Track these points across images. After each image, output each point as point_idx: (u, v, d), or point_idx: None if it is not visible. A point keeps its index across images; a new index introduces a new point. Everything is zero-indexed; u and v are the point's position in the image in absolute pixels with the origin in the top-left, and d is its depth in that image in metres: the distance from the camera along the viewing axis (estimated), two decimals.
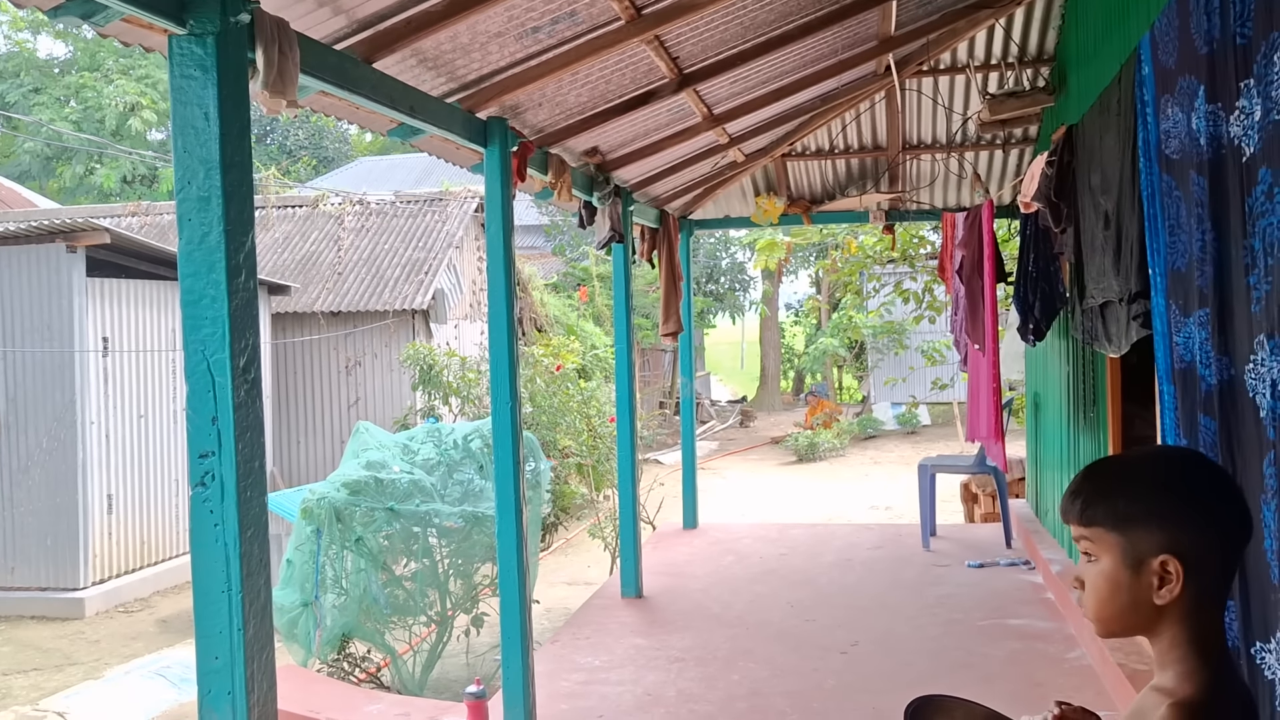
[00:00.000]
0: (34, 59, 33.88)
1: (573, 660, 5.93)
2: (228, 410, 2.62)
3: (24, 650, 8.90)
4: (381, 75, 3.81)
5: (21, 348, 9.92)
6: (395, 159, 32.84)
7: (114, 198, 29.14)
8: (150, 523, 10.79)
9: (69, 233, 9.81)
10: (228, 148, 2.64)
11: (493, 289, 4.94)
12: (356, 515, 6.55)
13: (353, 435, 7.47)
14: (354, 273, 13.60)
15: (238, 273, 2.65)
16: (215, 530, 2.64)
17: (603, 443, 11.25)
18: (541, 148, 5.64)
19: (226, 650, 2.64)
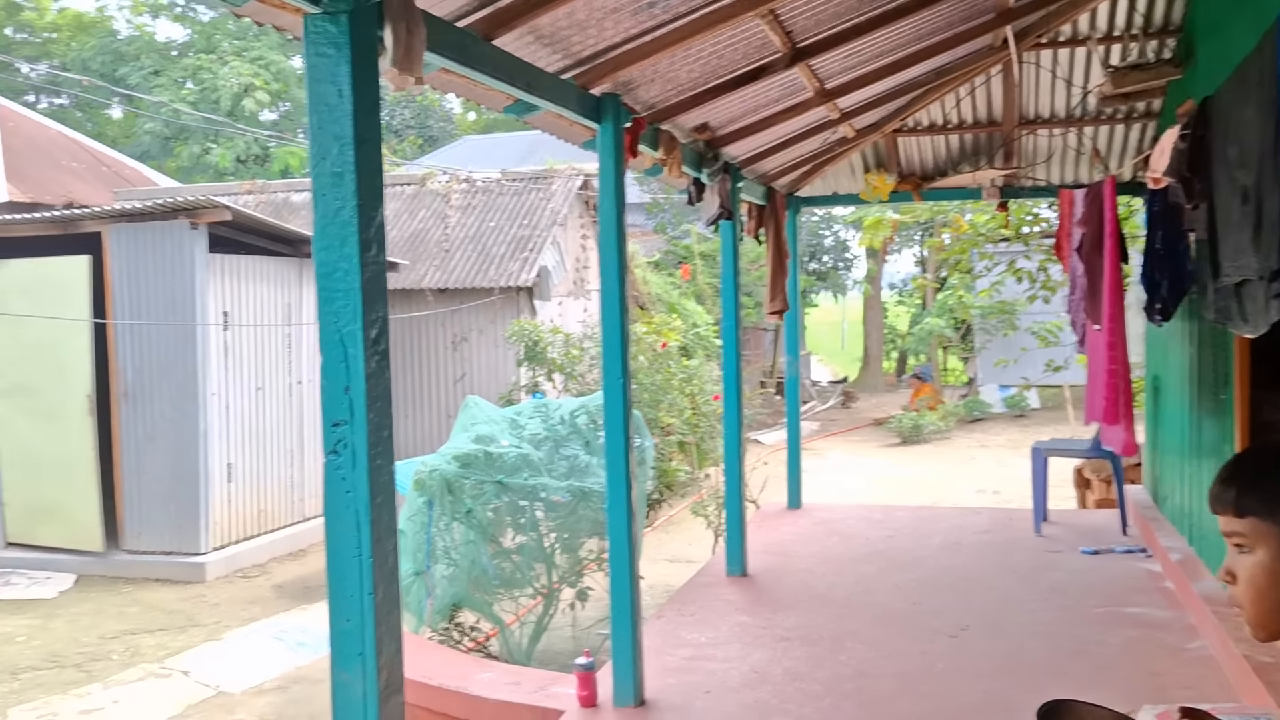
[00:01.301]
0: (153, 42, 35.03)
1: (679, 636, 5.96)
2: (359, 380, 2.68)
3: (150, 611, 9.28)
4: (500, 52, 3.85)
5: (147, 321, 10.30)
6: (498, 137, 33.18)
7: (228, 176, 30.02)
8: (267, 491, 11.15)
9: (192, 210, 10.14)
10: (360, 123, 2.69)
11: (604, 265, 4.96)
12: (466, 488, 6.67)
13: (462, 409, 7.60)
14: (460, 250, 13.79)
15: (369, 246, 2.70)
16: (347, 497, 2.71)
17: (705, 421, 11.25)
18: (653, 124, 5.64)
19: (357, 613, 2.71)
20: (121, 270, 10.37)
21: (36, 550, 10.68)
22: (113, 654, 8.19)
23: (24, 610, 9.41)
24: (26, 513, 10.78)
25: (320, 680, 7.52)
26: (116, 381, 10.48)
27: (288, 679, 7.70)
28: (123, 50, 33.82)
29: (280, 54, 32.37)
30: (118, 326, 10.39)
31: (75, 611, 9.34)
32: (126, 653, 8.21)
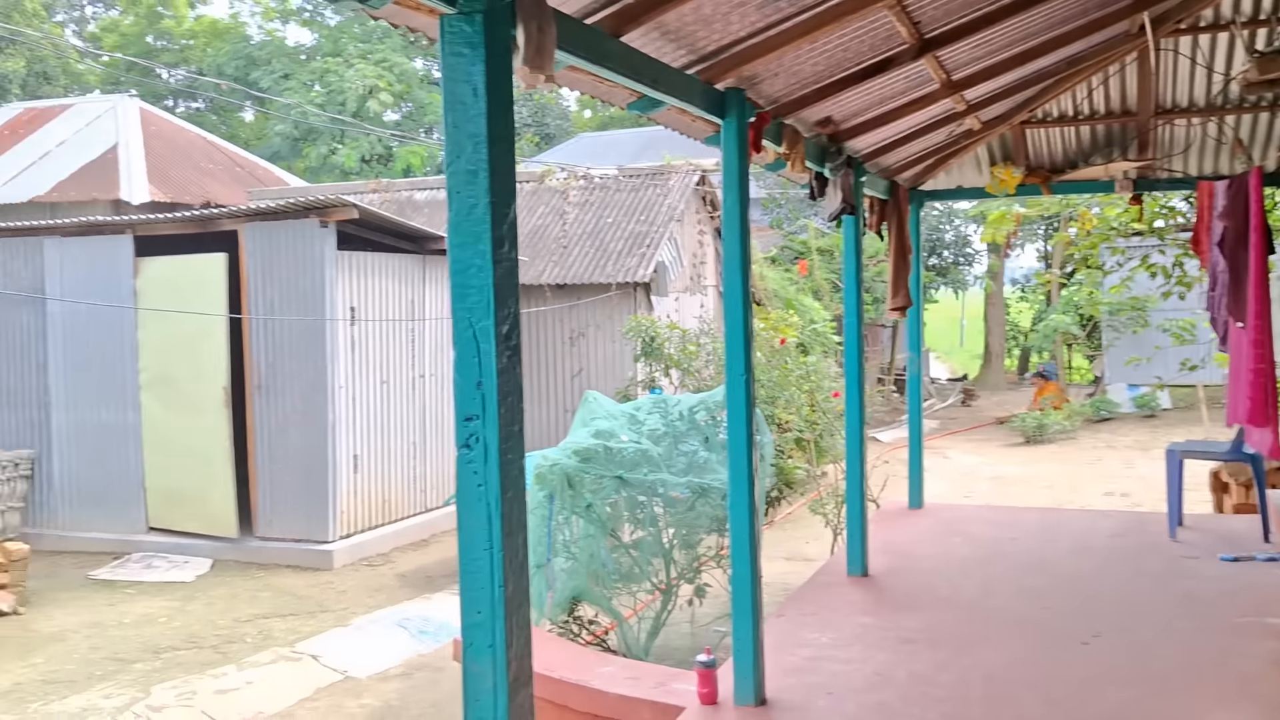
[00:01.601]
0: (283, 47, 36.23)
1: (799, 636, 5.91)
2: (491, 375, 2.72)
3: (281, 596, 9.61)
4: (627, 48, 3.86)
5: (279, 316, 10.65)
6: (614, 134, 33.36)
7: (353, 176, 30.86)
8: (391, 482, 11.43)
9: (322, 209, 10.44)
10: (494, 122, 2.72)
11: (728, 261, 4.94)
12: (586, 482, 6.72)
13: (581, 404, 7.66)
14: (578, 246, 13.91)
15: (501, 243, 2.74)
16: (479, 490, 2.75)
17: (824, 418, 11.12)
18: (776, 118, 5.59)
19: (488, 605, 2.75)
20: (256, 267, 10.75)
21: (175, 535, 11.15)
22: (246, 637, 8.50)
23: (164, 593, 9.83)
24: (167, 499, 11.26)
25: (442, 668, 7.68)
26: (251, 374, 10.88)
27: (411, 666, 7.89)
28: (255, 55, 35.05)
29: (403, 56, 33.14)
30: (252, 321, 10.77)
31: (211, 595, 9.72)
32: (259, 636, 8.50)
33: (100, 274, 11.39)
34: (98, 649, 8.29)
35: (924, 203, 9.34)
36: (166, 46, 38.19)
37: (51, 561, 10.90)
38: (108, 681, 7.57)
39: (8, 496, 11.44)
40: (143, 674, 7.70)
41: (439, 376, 12.21)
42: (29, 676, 7.71)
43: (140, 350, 11.29)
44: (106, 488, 11.50)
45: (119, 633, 8.70)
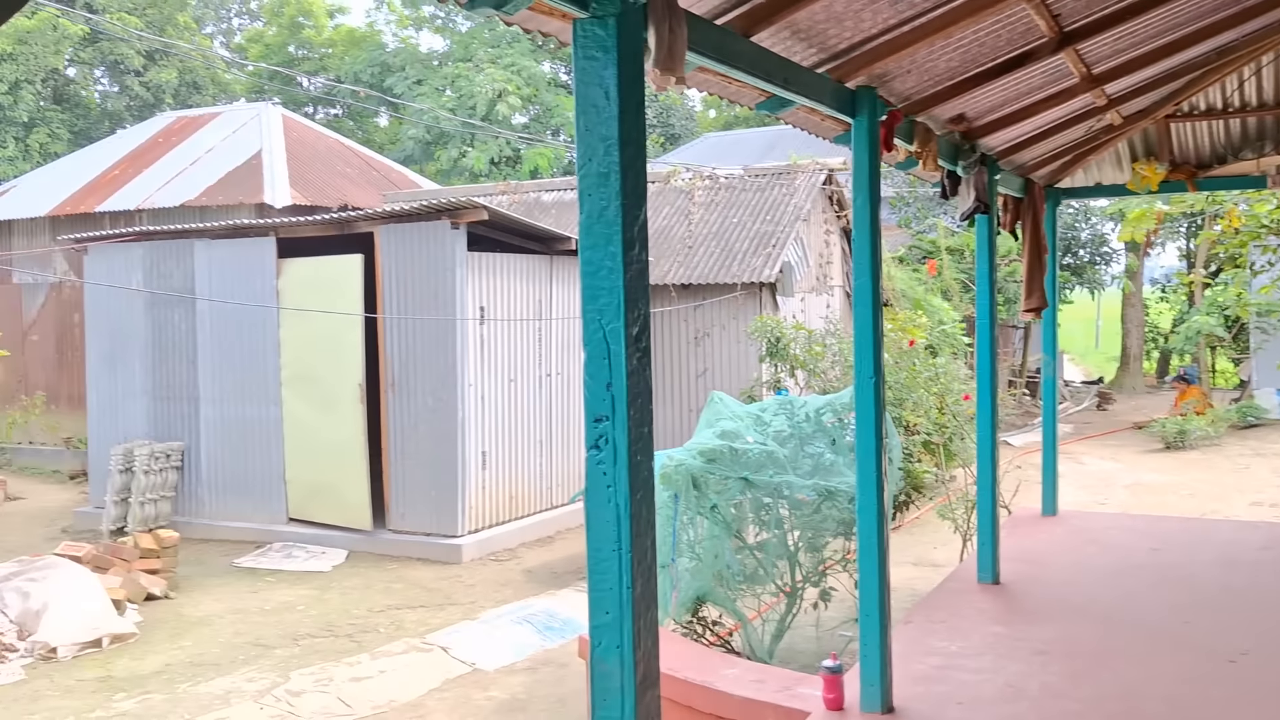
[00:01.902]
0: (417, 53, 37.10)
1: (927, 643, 5.79)
2: (621, 377, 2.73)
3: (412, 588, 9.86)
4: (758, 48, 3.84)
5: (412, 315, 10.94)
6: (739, 134, 33.22)
7: (482, 178, 31.45)
8: (518, 479, 11.62)
9: (453, 210, 10.68)
10: (625, 125, 2.74)
11: (858, 261, 4.87)
12: (711, 483, 6.72)
13: (707, 405, 7.66)
14: (704, 246, 13.91)
15: (632, 245, 2.75)
16: (608, 491, 2.77)
17: (953, 421, 10.88)
18: (908, 116, 5.49)
19: (616, 605, 2.77)
20: (390, 267, 11.05)
21: (313, 526, 11.55)
22: (379, 627, 8.75)
23: (303, 581, 10.19)
24: (306, 491, 11.67)
25: (567, 664, 7.77)
26: (384, 372, 11.19)
27: (537, 661, 8.00)
28: (389, 62, 36.01)
29: (531, 60, 33.61)
30: (386, 320, 11.08)
31: (347, 585, 10.03)
32: (391, 626, 8.75)
33: (245, 275, 11.87)
34: (241, 634, 8.64)
35: (1060, 200, 9.07)
36: (307, 55, 39.54)
37: (199, 549, 11.40)
38: (250, 665, 7.89)
39: (160, 486, 12.03)
40: (282, 659, 8.00)
41: (565, 375, 12.36)
42: (178, 658, 8.09)
43: (282, 348, 11.73)
44: (250, 479, 11.98)
45: (261, 619, 9.05)
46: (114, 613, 8.73)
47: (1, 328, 16.52)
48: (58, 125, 31.18)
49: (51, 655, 8.06)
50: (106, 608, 8.71)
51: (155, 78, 32.66)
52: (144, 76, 32.79)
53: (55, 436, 16.95)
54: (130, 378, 12.73)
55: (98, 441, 12.91)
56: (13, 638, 8.37)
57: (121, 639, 8.43)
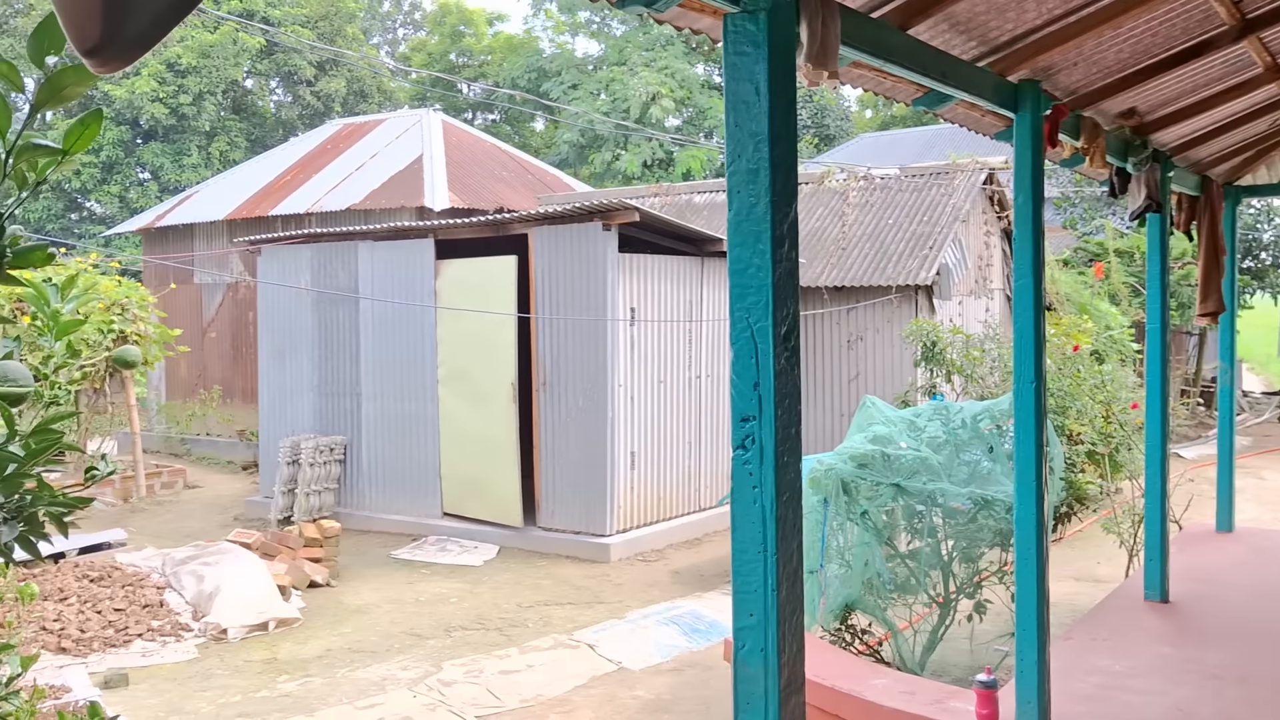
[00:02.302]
0: (572, 58, 37.70)
1: (1089, 661, 5.54)
2: (769, 377, 2.69)
3: (561, 585, 9.99)
4: (915, 42, 3.74)
5: (564, 315, 11.09)
6: (895, 134, 32.60)
7: (635, 181, 31.71)
8: (666, 480, 11.65)
9: (605, 212, 10.79)
10: (776, 121, 2.70)
11: (1019, 263, 4.69)
12: (862, 488, 6.58)
13: (859, 409, 7.51)
14: (858, 248, 13.68)
15: (781, 243, 2.71)
16: (754, 492, 2.73)
17: (1120, 431, 10.40)
18: (1074, 111, 5.27)
19: (761, 609, 2.72)
20: (543, 268, 11.23)
21: (467, 521, 11.83)
22: (528, 622, 8.89)
23: (456, 575, 10.45)
24: (460, 487, 11.96)
25: (713, 666, 7.74)
26: (536, 371, 11.38)
27: (682, 662, 7.99)
28: (546, 67, 36.70)
29: (684, 63, 33.73)
30: (539, 320, 11.27)
31: (497, 580, 10.23)
32: (540, 622, 8.88)
33: (405, 275, 12.26)
34: (397, 623, 8.91)
35: (1240, 199, 8.56)
36: (467, 63, 40.67)
37: (359, 540, 11.82)
38: (404, 654, 8.12)
39: (324, 478, 12.52)
40: (435, 649, 8.20)
41: (715, 377, 12.33)
42: (338, 644, 8.39)
43: (439, 346, 12.06)
44: (407, 474, 12.36)
45: (415, 609, 9.31)
46: (280, 598, 9.12)
47: (183, 325, 17.49)
48: (236, 134, 32.88)
49: (222, 636, 8.48)
50: (273, 593, 9.10)
51: (325, 87, 34.10)
52: (315, 86, 34.27)
53: (230, 429, 17.86)
54: (298, 374, 13.30)
55: (268, 434, 13.53)
56: (188, 618, 8.83)
57: (286, 623, 8.80)
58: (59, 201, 32.42)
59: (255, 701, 7.19)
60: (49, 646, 8.03)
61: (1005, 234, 15.10)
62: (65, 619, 8.45)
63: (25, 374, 2.24)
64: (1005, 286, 15.31)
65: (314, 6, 33.74)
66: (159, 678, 7.67)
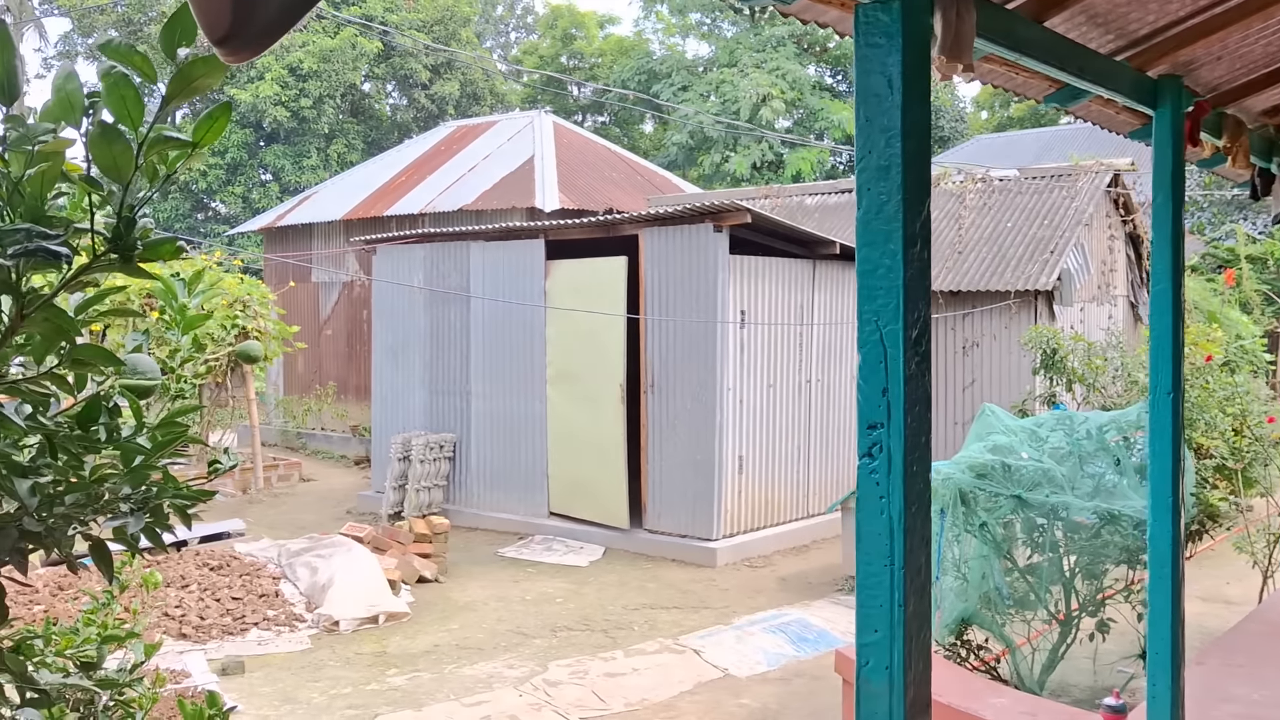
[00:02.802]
0: (682, 60, 37.69)
1: (1224, 688, 5.25)
2: (899, 382, 2.58)
3: (666, 589, 9.93)
4: (1051, 34, 3.57)
5: (674, 317, 11.03)
6: (1012, 136, 31.80)
7: (744, 183, 31.54)
8: (774, 485, 11.51)
9: (716, 213, 10.70)
10: (909, 115, 2.58)
11: (1157, 267, 4.47)
12: (981, 499, 6.37)
13: (978, 417, 7.29)
14: (974, 251, 13.33)
15: (913, 242, 2.59)
16: (880, 503, 2.62)
17: (1255, 445, 9.91)
18: (1215, 108, 5.00)
19: (886, 625, 2.61)
20: (653, 269, 11.19)
21: (573, 521, 11.86)
22: (634, 624, 8.85)
23: (562, 575, 10.47)
24: (566, 487, 12.00)
25: (820, 676, 7.59)
26: (645, 373, 11.34)
27: (790, 671, 7.86)
28: (656, 69, 36.76)
29: (796, 64, 33.43)
30: (648, 321, 11.23)
31: (603, 581, 10.23)
32: (645, 625, 8.83)
33: (516, 275, 12.35)
34: (503, 621, 8.96)
35: None
36: (577, 65, 41.00)
37: (466, 536, 11.95)
38: (511, 652, 8.15)
39: (434, 475, 12.70)
40: (541, 649, 8.22)
41: (825, 383, 12.14)
42: (445, 640, 8.47)
43: (548, 346, 12.12)
44: (514, 472, 12.45)
45: (521, 608, 9.36)
46: (390, 592, 9.25)
47: (301, 322, 17.95)
48: (353, 136, 33.69)
49: (334, 628, 8.63)
50: (383, 587, 9.24)
51: (439, 90, 34.71)
52: (430, 89, 34.91)
53: (343, 424, 18.27)
54: (410, 371, 13.51)
55: (380, 430, 13.78)
56: (302, 609, 9.02)
57: (396, 617, 8.92)
58: (186, 201, 33.64)
59: (365, 694, 7.29)
60: (170, 632, 8.28)
61: (1130, 238, 14.57)
62: (186, 606, 8.71)
63: (153, 367, 2.26)
64: (1129, 293, 14.77)
65: (430, 11, 34.37)
66: (273, 666, 7.84)
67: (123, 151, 1.62)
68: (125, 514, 2.37)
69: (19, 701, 2.63)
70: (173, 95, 1.62)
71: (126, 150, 1.62)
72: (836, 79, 37.92)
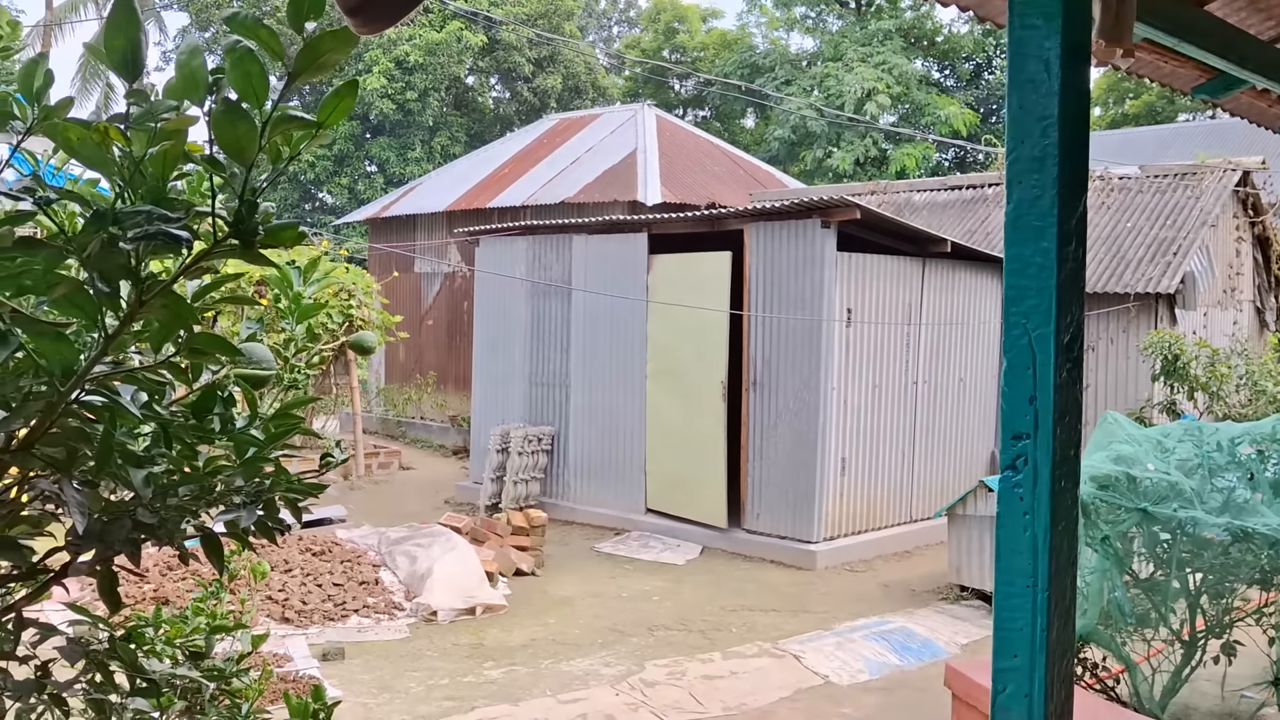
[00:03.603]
0: (786, 54, 37.26)
1: None
2: (1048, 390, 2.40)
3: (764, 591, 9.76)
4: (1215, 19, 3.34)
5: (779, 314, 10.83)
6: (1126, 133, 30.76)
7: (846, 179, 31.05)
8: (877, 489, 11.24)
9: (824, 209, 10.47)
10: (1066, 102, 2.40)
11: None
12: (1102, 511, 6.08)
13: (1099, 425, 6.96)
14: (1092, 251, 12.85)
15: (1068, 240, 2.40)
16: (1024, 519, 2.44)
17: None
18: None
19: (1026, 650, 2.43)
20: (758, 265, 11.01)
21: (670, 519, 11.75)
22: (731, 626, 8.70)
23: (658, 572, 10.37)
24: (664, 483, 11.90)
25: (924, 689, 7.35)
26: (747, 370, 11.16)
27: (892, 681, 7.64)
28: (759, 63, 36.42)
29: (903, 58, 32.81)
30: (751, 318, 11.05)
31: (700, 580, 10.09)
32: (743, 627, 8.68)
33: (618, 269, 12.28)
34: (600, 617, 8.89)
35: None
36: (680, 59, 40.83)
37: (563, 530, 11.92)
38: (607, 650, 8.07)
39: (531, 467, 12.70)
40: (637, 647, 8.13)
41: (933, 385, 11.81)
42: (541, 634, 8.43)
43: (648, 341, 12.02)
44: (612, 468, 12.38)
45: (618, 605, 9.28)
46: (487, 584, 9.25)
47: (403, 312, 18.16)
48: (457, 129, 34.07)
49: (432, 618, 8.65)
50: (481, 579, 9.25)
51: (542, 84, 34.90)
52: (532, 83, 35.13)
53: (443, 414, 18.45)
54: (510, 363, 13.54)
55: (479, 421, 13.85)
56: (401, 597, 9.07)
57: (493, 609, 8.92)
58: (294, 192, 34.40)
59: (462, 686, 7.28)
60: (274, 616, 8.39)
61: (1258, 240, 13.90)
62: (289, 590, 8.82)
63: (268, 357, 2.20)
64: (1255, 298, 14.11)
65: (534, 5, 34.56)
66: (372, 654, 7.88)
67: (247, 131, 1.54)
68: (237, 506, 2.32)
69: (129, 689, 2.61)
70: (300, 70, 1.53)
71: (251, 130, 1.54)
72: (944, 73, 37.13)
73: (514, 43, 33.87)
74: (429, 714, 6.76)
